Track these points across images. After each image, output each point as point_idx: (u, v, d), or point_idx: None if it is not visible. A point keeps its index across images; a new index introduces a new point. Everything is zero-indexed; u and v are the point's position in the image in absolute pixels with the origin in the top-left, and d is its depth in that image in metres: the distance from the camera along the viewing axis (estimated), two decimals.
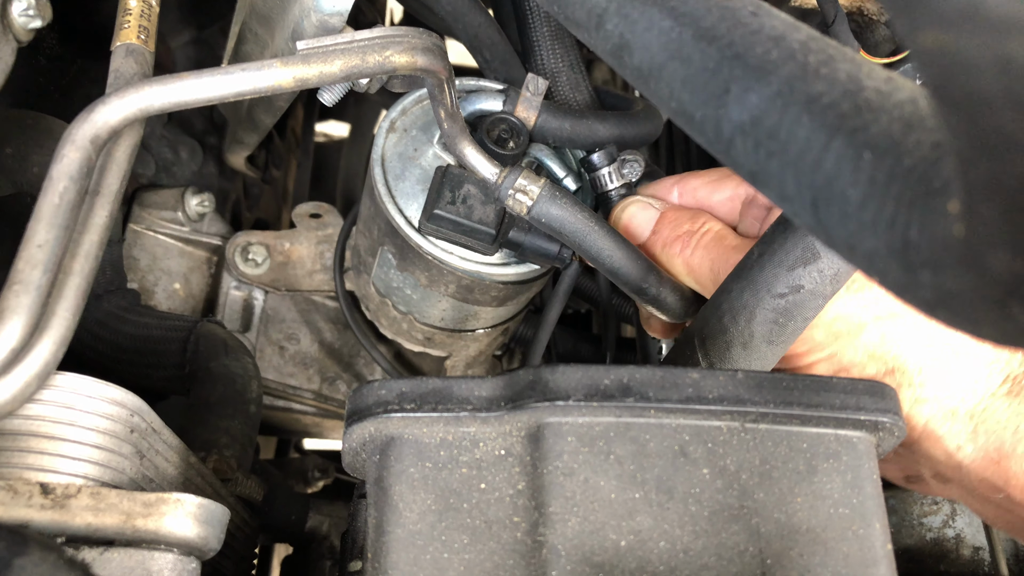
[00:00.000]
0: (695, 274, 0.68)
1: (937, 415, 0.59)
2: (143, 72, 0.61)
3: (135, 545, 0.48)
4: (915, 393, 0.59)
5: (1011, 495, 0.56)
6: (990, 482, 0.57)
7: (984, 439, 0.57)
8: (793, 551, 0.47)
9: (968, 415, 0.58)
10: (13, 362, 0.47)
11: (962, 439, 0.58)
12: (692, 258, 0.68)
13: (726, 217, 0.71)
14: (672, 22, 0.44)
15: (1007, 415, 0.57)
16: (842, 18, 0.85)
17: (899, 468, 0.67)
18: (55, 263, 0.49)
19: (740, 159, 0.40)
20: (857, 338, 0.60)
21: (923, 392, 0.59)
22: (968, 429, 0.58)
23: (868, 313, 0.60)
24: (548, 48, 0.84)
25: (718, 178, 0.73)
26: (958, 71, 0.21)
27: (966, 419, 0.58)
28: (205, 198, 1.05)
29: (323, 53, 0.59)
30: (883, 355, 0.60)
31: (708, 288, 0.67)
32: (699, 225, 0.69)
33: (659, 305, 0.70)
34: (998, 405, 0.57)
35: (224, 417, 0.78)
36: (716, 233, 0.68)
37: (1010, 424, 0.56)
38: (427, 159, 0.79)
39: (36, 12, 0.60)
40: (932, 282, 0.29)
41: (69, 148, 0.52)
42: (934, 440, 0.59)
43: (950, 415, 0.58)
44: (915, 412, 0.59)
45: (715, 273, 0.66)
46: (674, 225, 0.71)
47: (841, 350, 0.61)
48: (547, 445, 0.48)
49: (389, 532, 0.47)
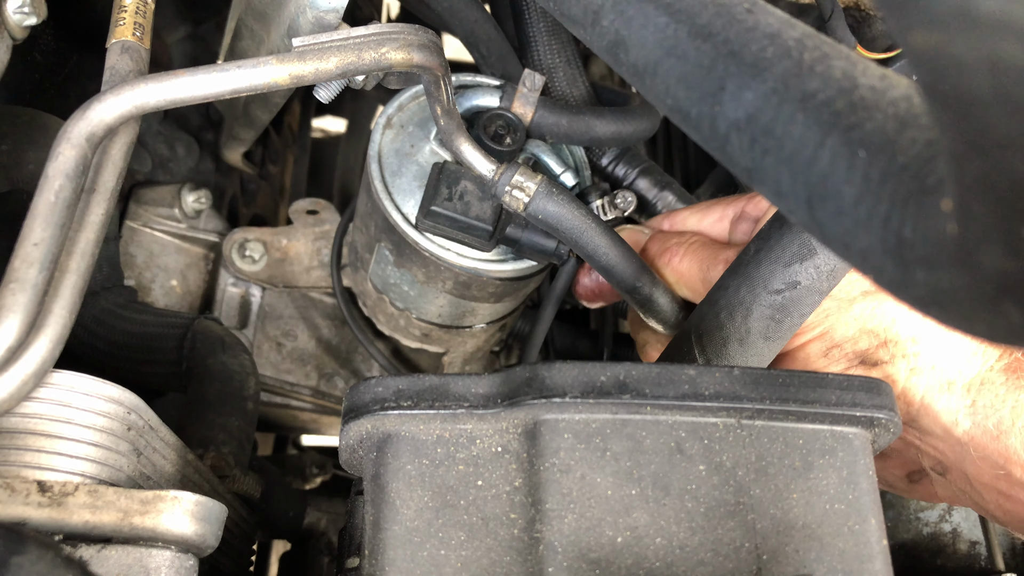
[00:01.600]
0: (685, 279, 0.69)
1: (934, 386, 0.58)
2: (138, 69, 0.61)
3: (133, 542, 0.48)
4: (910, 363, 0.59)
5: (1011, 472, 0.55)
6: (990, 459, 0.56)
7: (983, 414, 0.57)
8: (789, 547, 0.47)
9: (965, 388, 0.57)
10: (10, 360, 0.47)
11: (960, 414, 0.58)
12: (681, 265, 0.69)
13: (717, 238, 0.73)
14: (667, 19, 0.44)
15: (1005, 389, 0.56)
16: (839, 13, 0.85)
17: (900, 464, 0.67)
18: (51, 261, 0.49)
19: (736, 156, 0.40)
20: (847, 313, 0.60)
21: (919, 362, 0.59)
22: (966, 403, 0.57)
23: (856, 288, 0.60)
24: (545, 44, 0.84)
25: (705, 207, 0.75)
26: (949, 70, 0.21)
27: (963, 392, 0.58)
28: (202, 194, 1.05)
29: (319, 50, 0.59)
30: (875, 328, 0.60)
31: (700, 293, 0.68)
32: (686, 237, 0.71)
33: (650, 306, 0.70)
34: (996, 379, 0.57)
35: (221, 414, 0.78)
36: (703, 241, 0.69)
37: (1008, 398, 0.56)
38: (424, 155, 0.79)
39: (31, 9, 0.60)
40: (926, 280, 0.29)
41: (65, 146, 0.52)
42: (932, 415, 0.59)
43: (947, 386, 0.58)
44: (912, 384, 0.59)
45: (705, 276, 0.67)
46: (662, 240, 0.72)
47: (832, 326, 0.61)
48: (544, 442, 0.48)
49: (386, 529, 0.47)
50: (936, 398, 0.58)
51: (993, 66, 0.20)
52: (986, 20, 0.20)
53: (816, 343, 0.62)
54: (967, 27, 0.20)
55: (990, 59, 0.20)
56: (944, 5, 0.20)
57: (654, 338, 0.75)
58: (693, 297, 0.70)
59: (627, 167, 0.86)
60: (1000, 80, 0.20)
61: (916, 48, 0.22)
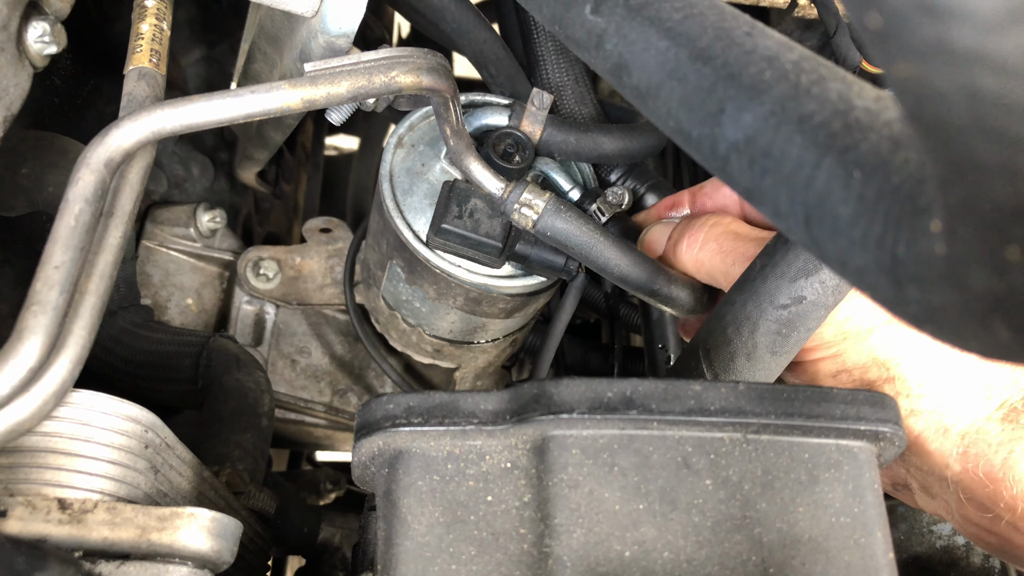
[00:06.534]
0: (707, 267, 0.68)
1: (930, 429, 0.59)
2: (155, 95, 0.62)
3: (150, 559, 0.49)
4: (912, 404, 0.60)
5: (998, 515, 0.56)
6: (977, 501, 0.57)
7: (974, 462, 0.57)
8: (795, 560, 0.48)
9: (960, 435, 0.58)
10: (31, 381, 0.49)
11: (951, 458, 0.58)
12: (701, 253, 0.68)
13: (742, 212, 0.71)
14: (669, 43, 0.45)
15: (999, 439, 0.57)
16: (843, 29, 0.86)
17: (888, 476, 0.67)
18: (71, 283, 0.51)
19: (736, 176, 0.41)
20: (864, 340, 0.61)
21: (920, 404, 0.59)
22: (958, 449, 0.58)
23: (879, 317, 0.60)
24: (553, 62, 0.85)
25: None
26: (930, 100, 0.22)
27: (958, 438, 0.58)
28: (217, 214, 1.07)
29: (330, 75, 0.60)
30: (886, 361, 0.60)
31: (721, 279, 0.67)
32: (705, 223, 0.69)
33: (673, 303, 0.71)
34: (991, 428, 0.57)
35: (237, 431, 0.79)
36: (723, 225, 0.67)
37: (1002, 449, 0.56)
38: (434, 174, 0.80)
39: (52, 38, 0.62)
40: (919, 298, 0.30)
41: (84, 171, 0.53)
42: (924, 454, 0.60)
43: (943, 432, 0.59)
44: (910, 423, 0.60)
45: (726, 260, 0.66)
46: (681, 228, 0.71)
47: (847, 351, 0.61)
48: (552, 457, 0.49)
49: (398, 544, 0.48)
50: (930, 440, 0.59)
51: (971, 96, 0.21)
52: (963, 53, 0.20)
53: (828, 362, 0.63)
54: (945, 59, 0.21)
55: (968, 90, 0.21)
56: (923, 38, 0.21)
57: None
58: (717, 284, 0.69)
59: (636, 183, 0.86)
60: (978, 110, 0.21)
61: (898, 79, 0.23)
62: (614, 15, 0.50)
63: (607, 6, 0.50)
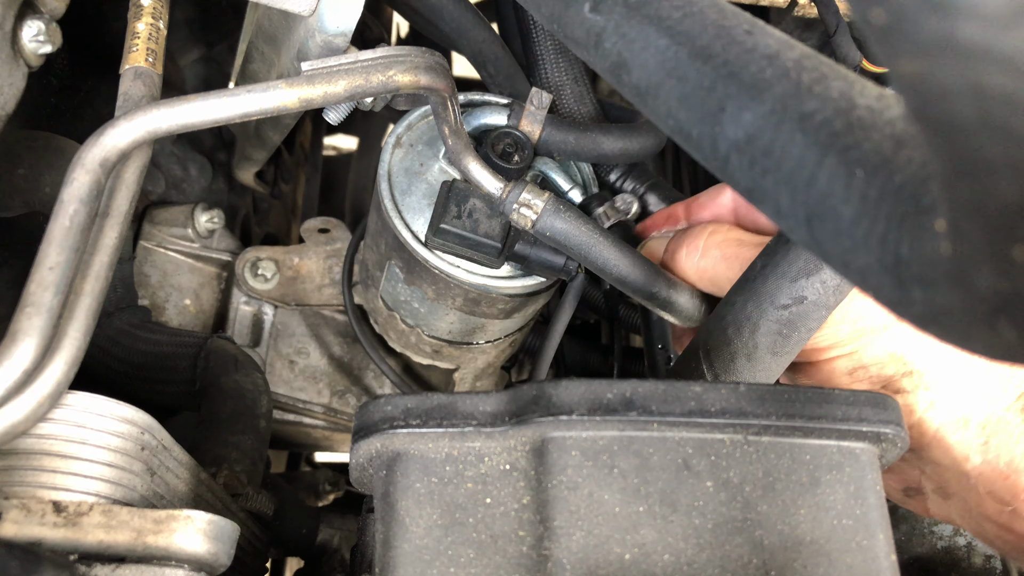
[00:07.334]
0: (710, 274, 0.67)
1: (949, 422, 0.59)
2: (151, 95, 0.62)
3: (146, 561, 0.48)
4: (931, 396, 0.59)
5: (1018, 509, 0.56)
6: (997, 495, 0.57)
7: (995, 452, 0.57)
8: (797, 563, 0.48)
9: (981, 425, 0.58)
10: (26, 383, 0.48)
11: (972, 450, 0.58)
12: (703, 260, 0.67)
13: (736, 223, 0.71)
14: (668, 41, 0.45)
15: (1019, 431, 0.57)
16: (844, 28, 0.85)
17: (900, 479, 0.67)
18: (66, 284, 0.50)
19: (736, 176, 0.41)
20: (880, 336, 0.60)
21: (938, 396, 0.59)
22: (979, 440, 0.58)
23: None
24: (552, 62, 0.85)
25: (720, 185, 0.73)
26: (935, 97, 0.22)
27: (978, 429, 0.58)
28: (215, 214, 1.06)
29: (327, 74, 0.60)
30: (903, 356, 0.60)
31: (727, 286, 0.66)
32: (703, 231, 0.69)
33: (671, 308, 0.70)
34: (1012, 419, 0.57)
35: (234, 432, 0.79)
36: (723, 232, 0.67)
37: (1022, 440, 0.56)
38: (433, 174, 0.79)
39: (47, 37, 0.61)
40: (923, 298, 0.30)
41: (79, 171, 0.53)
42: (944, 448, 0.59)
43: (962, 423, 0.58)
44: (928, 416, 0.59)
45: (732, 267, 0.65)
46: (679, 237, 0.71)
47: (863, 348, 0.61)
48: (551, 459, 0.49)
49: (396, 547, 0.48)
50: (950, 432, 0.59)
51: (977, 93, 0.21)
52: (969, 49, 0.20)
53: (844, 360, 0.62)
54: (951, 55, 0.20)
55: (974, 86, 0.20)
56: (928, 34, 0.21)
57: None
58: (717, 292, 0.69)
59: (635, 183, 0.86)
60: (984, 106, 0.21)
61: (903, 75, 0.22)
62: (613, 13, 0.49)
63: (606, 4, 0.50)
